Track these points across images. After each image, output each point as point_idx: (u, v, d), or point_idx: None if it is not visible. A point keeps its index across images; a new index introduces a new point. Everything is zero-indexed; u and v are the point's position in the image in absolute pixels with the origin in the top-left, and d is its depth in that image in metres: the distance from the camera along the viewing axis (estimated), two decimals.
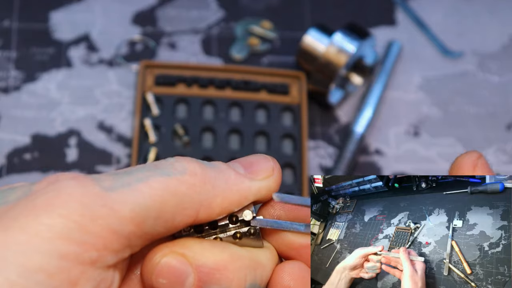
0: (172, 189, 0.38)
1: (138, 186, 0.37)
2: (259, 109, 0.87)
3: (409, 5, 0.96)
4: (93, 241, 0.36)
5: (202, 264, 0.39)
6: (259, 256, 0.42)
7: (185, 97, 0.87)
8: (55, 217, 0.35)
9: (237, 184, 0.41)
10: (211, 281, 0.39)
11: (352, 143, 0.85)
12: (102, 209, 0.36)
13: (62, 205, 0.35)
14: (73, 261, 0.35)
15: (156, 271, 0.39)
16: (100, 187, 0.37)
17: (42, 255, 0.34)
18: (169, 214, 0.38)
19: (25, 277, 0.34)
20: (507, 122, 0.89)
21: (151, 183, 0.38)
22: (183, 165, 0.39)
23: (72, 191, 0.36)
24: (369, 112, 0.87)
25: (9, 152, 0.84)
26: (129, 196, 0.37)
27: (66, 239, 0.35)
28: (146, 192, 0.37)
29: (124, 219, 0.36)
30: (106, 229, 0.36)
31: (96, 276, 0.36)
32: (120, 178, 0.38)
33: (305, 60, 0.87)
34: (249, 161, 0.43)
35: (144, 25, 0.93)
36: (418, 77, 0.92)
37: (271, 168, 0.43)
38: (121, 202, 0.37)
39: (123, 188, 0.37)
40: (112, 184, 0.37)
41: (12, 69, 0.89)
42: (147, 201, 0.37)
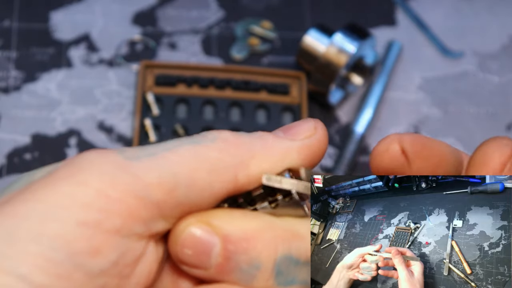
0: (202, 155, 0.37)
1: (164, 154, 0.36)
2: (259, 109, 0.87)
3: (409, 5, 0.96)
4: (115, 207, 0.34)
5: (229, 233, 0.37)
6: (298, 226, 0.39)
7: (185, 97, 0.87)
8: (74, 185, 0.34)
9: (277, 145, 0.38)
10: (238, 251, 0.37)
11: (352, 143, 0.85)
12: (124, 175, 0.35)
13: (82, 173, 0.35)
14: (94, 228, 0.34)
15: (180, 241, 0.37)
16: (123, 156, 0.36)
17: (58, 222, 0.34)
18: (203, 181, 0.36)
19: (40, 244, 0.33)
20: (507, 122, 0.89)
21: (178, 151, 0.36)
22: (213, 134, 0.38)
23: (92, 161, 0.35)
24: (369, 112, 0.87)
25: (9, 152, 0.84)
26: (154, 163, 0.36)
27: (85, 206, 0.34)
28: (172, 159, 0.36)
29: (150, 185, 0.35)
30: (129, 195, 0.35)
31: (122, 246, 0.35)
32: (145, 149, 0.37)
33: (305, 60, 0.87)
34: (290, 126, 0.40)
35: (144, 25, 0.93)
36: (418, 77, 0.92)
37: (313, 127, 0.40)
38: (145, 169, 0.35)
39: (148, 157, 0.36)
40: (136, 153, 0.36)
41: (12, 69, 0.89)
42: (174, 168, 0.36)
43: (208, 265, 0.37)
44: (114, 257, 0.35)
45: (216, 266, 0.37)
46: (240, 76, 0.89)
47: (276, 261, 0.38)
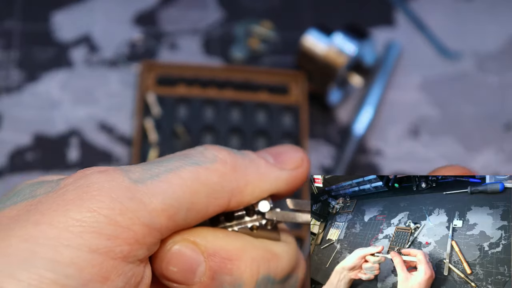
0: (203, 179, 0.38)
1: (167, 177, 0.37)
2: (259, 109, 0.88)
3: (409, 6, 0.97)
4: (124, 235, 0.35)
5: (214, 253, 0.38)
6: (274, 247, 0.41)
7: (186, 97, 0.87)
8: (84, 211, 0.35)
9: (268, 173, 0.40)
10: (222, 271, 0.39)
11: (352, 143, 0.85)
12: (131, 202, 0.35)
13: (91, 199, 0.35)
14: (104, 255, 0.34)
15: (166, 258, 0.38)
16: (129, 179, 0.36)
17: (72, 249, 0.34)
18: (201, 205, 0.38)
19: (55, 272, 0.33)
20: (506, 122, 0.89)
21: (181, 173, 0.37)
22: (212, 153, 0.39)
23: (101, 185, 0.36)
24: (369, 112, 0.87)
25: (11, 152, 0.84)
26: (158, 188, 0.36)
27: (97, 233, 0.34)
28: (175, 183, 0.37)
29: (155, 212, 0.36)
30: (136, 223, 0.35)
31: (128, 271, 0.36)
32: (149, 170, 0.37)
33: (305, 60, 0.87)
34: (278, 150, 0.42)
35: (144, 26, 0.93)
36: (418, 78, 0.92)
37: (300, 159, 0.43)
38: (150, 195, 0.36)
39: (152, 180, 0.37)
40: (141, 175, 0.37)
41: (14, 69, 0.89)
42: (177, 192, 0.37)
43: (191, 282, 0.39)
44: (121, 283, 0.36)
45: (200, 284, 0.39)
46: (240, 76, 0.89)
47: (257, 281, 0.40)
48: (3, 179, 0.83)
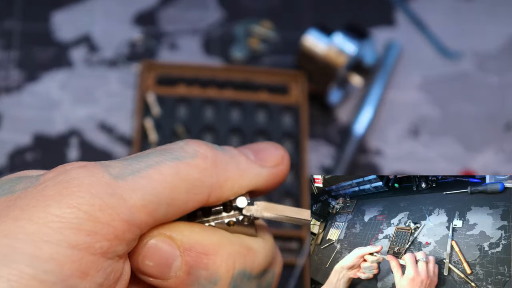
0: (183, 174, 0.38)
1: (148, 173, 0.37)
2: (259, 109, 0.88)
3: (409, 5, 0.97)
4: (103, 231, 0.35)
5: (189, 247, 0.39)
6: (251, 243, 0.41)
7: (186, 97, 0.87)
8: (64, 207, 0.35)
9: (248, 169, 0.40)
10: (198, 266, 0.39)
11: (352, 143, 0.85)
12: (111, 198, 0.35)
13: (71, 195, 0.35)
14: (83, 251, 0.34)
15: (143, 252, 0.38)
16: (109, 175, 0.36)
17: (51, 244, 0.34)
18: (181, 200, 0.38)
19: (35, 267, 0.33)
20: (506, 122, 0.89)
21: (161, 168, 0.37)
22: (193, 148, 0.39)
23: (80, 180, 0.36)
24: (369, 112, 0.87)
25: (10, 152, 0.84)
26: (138, 184, 0.36)
27: (76, 229, 0.34)
28: (156, 179, 0.37)
29: (135, 207, 0.36)
30: (116, 219, 0.35)
31: (107, 267, 0.36)
32: (130, 165, 0.37)
33: (305, 60, 0.87)
34: (259, 147, 0.42)
35: (144, 25, 0.93)
36: (418, 77, 0.92)
37: (280, 156, 0.43)
38: (130, 190, 0.36)
39: (133, 175, 0.37)
40: (121, 171, 0.37)
41: (14, 69, 0.89)
42: (157, 188, 0.37)
43: (167, 277, 0.39)
44: (100, 279, 0.36)
45: (176, 278, 0.39)
46: (240, 76, 0.89)
47: (233, 276, 0.40)
48: None
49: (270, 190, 0.43)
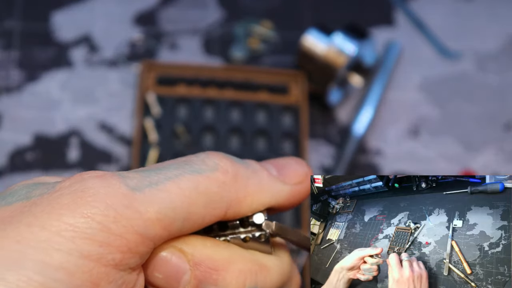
0: (202, 188, 0.37)
1: (166, 186, 0.36)
2: (259, 109, 0.88)
3: (409, 5, 0.97)
4: (116, 243, 0.35)
5: (200, 262, 0.38)
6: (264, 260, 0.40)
7: (186, 97, 0.87)
8: (78, 216, 0.34)
9: (269, 186, 0.39)
10: (207, 281, 0.38)
11: (352, 143, 0.85)
12: (127, 210, 0.35)
13: (86, 205, 0.34)
14: (95, 261, 0.34)
15: (152, 264, 0.38)
16: (126, 187, 0.36)
17: (63, 253, 0.33)
18: (198, 215, 0.37)
19: (44, 275, 0.33)
20: (506, 122, 0.89)
21: (180, 182, 0.36)
22: (214, 161, 0.38)
23: (96, 190, 0.35)
24: (369, 112, 0.87)
25: (10, 152, 0.84)
26: (155, 197, 0.36)
27: (89, 239, 0.34)
28: (174, 192, 0.36)
29: (150, 221, 0.35)
30: (130, 231, 0.35)
31: (119, 279, 0.35)
32: (148, 177, 0.37)
33: (305, 60, 0.87)
34: (283, 163, 0.41)
35: (145, 25, 0.93)
36: (418, 77, 0.92)
37: (304, 173, 0.41)
38: (146, 203, 0.35)
39: (150, 188, 0.36)
40: (138, 182, 0.36)
41: (14, 69, 0.89)
42: (175, 202, 0.36)
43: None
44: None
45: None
46: (240, 76, 0.89)
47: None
48: (3, 179, 0.83)
49: (290, 207, 0.42)
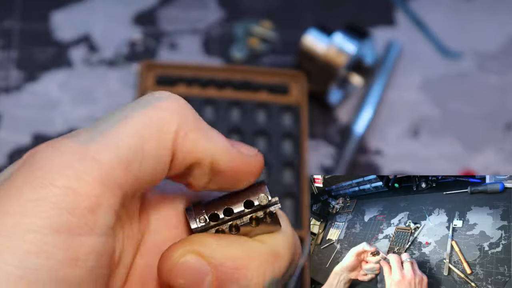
0: (153, 120, 0.35)
1: (116, 128, 0.34)
2: (259, 109, 0.88)
3: (409, 5, 0.97)
4: (85, 203, 0.32)
5: (220, 263, 0.37)
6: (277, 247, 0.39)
7: (186, 97, 0.86)
8: (38, 188, 0.31)
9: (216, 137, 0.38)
10: (229, 280, 0.37)
11: (352, 143, 0.85)
12: (84, 163, 0.32)
13: (43, 174, 0.32)
14: (67, 233, 0.31)
15: (174, 271, 0.37)
16: (77, 142, 0.33)
17: (34, 233, 0.31)
18: (153, 150, 0.35)
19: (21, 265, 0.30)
20: (506, 122, 0.89)
21: (129, 120, 0.34)
22: (166, 92, 0.37)
23: (49, 156, 0.33)
24: (369, 112, 0.87)
25: (10, 152, 0.84)
26: (108, 142, 0.33)
27: (56, 209, 0.31)
28: (125, 132, 0.34)
29: (109, 166, 0.33)
30: (94, 183, 0.32)
31: (98, 246, 0.32)
32: (98, 126, 0.34)
33: (305, 60, 0.87)
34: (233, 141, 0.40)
35: (144, 25, 0.93)
36: (418, 77, 0.92)
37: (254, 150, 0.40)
38: (101, 150, 0.33)
39: (101, 136, 0.34)
40: (89, 135, 0.34)
41: (13, 69, 0.89)
42: (128, 141, 0.34)
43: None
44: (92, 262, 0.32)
45: None
46: (240, 76, 0.89)
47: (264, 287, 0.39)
48: None
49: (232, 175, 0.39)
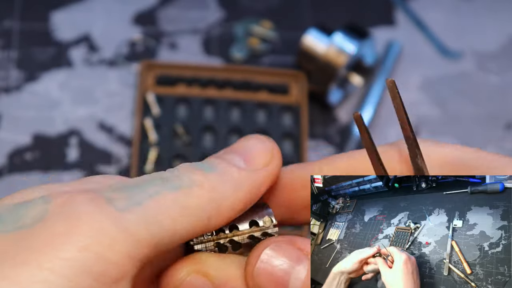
0: (183, 204, 0.37)
1: (150, 204, 0.36)
2: (259, 109, 0.88)
3: (409, 5, 0.96)
4: (112, 271, 0.34)
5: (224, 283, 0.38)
6: None
7: (186, 97, 0.87)
8: (74, 250, 0.33)
9: (243, 182, 0.39)
10: None
11: (352, 143, 0.85)
12: (120, 234, 0.34)
13: (81, 234, 0.33)
14: None
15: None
16: (115, 208, 0.35)
17: None
18: (183, 230, 0.37)
19: None
20: (506, 122, 0.89)
21: (161, 199, 0.36)
22: (188, 176, 0.38)
23: (89, 216, 0.34)
24: (369, 112, 0.87)
25: (10, 152, 0.84)
26: (143, 216, 0.35)
27: (86, 273, 0.33)
28: (158, 210, 0.36)
29: (141, 242, 0.35)
30: (125, 256, 0.34)
31: None
32: (131, 196, 0.36)
33: (305, 60, 0.87)
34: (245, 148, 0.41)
35: (144, 25, 0.93)
36: (418, 77, 0.92)
37: (270, 151, 0.41)
38: (136, 224, 0.35)
39: (136, 207, 0.35)
40: (125, 203, 0.35)
41: (13, 69, 0.89)
42: (161, 219, 0.36)
43: None
44: None
45: None
46: (240, 76, 0.89)
47: None
48: (3, 179, 0.83)
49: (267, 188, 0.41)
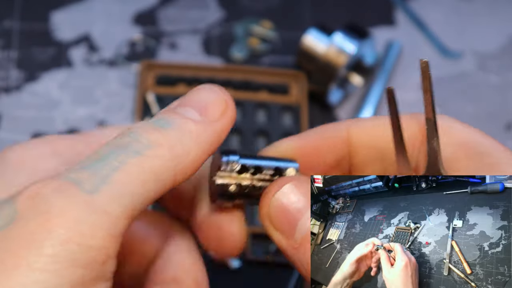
0: (148, 168, 0.36)
1: (117, 177, 0.35)
2: (259, 109, 0.88)
3: (409, 5, 0.96)
4: (98, 257, 0.33)
5: None
6: None
7: None
8: (56, 245, 0.32)
9: (201, 135, 0.39)
10: None
11: None
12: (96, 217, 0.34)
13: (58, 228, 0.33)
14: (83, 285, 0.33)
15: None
16: (84, 191, 0.34)
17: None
18: (152, 192, 0.36)
19: None
20: (506, 122, 0.89)
21: (126, 168, 0.35)
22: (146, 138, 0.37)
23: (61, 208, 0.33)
24: (369, 112, 0.87)
25: None
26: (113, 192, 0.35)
27: (74, 266, 0.32)
28: (126, 181, 0.35)
29: (118, 217, 0.34)
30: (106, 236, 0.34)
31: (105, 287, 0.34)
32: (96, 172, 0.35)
33: (305, 60, 0.87)
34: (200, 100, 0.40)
35: (144, 25, 0.93)
36: (418, 77, 0.92)
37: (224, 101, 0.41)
38: (108, 202, 0.34)
39: (104, 184, 0.35)
40: (92, 183, 0.35)
41: (13, 69, 0.89)
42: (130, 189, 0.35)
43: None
44: None
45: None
46: (240, 76, 0.89)
47: None
48: None
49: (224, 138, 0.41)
